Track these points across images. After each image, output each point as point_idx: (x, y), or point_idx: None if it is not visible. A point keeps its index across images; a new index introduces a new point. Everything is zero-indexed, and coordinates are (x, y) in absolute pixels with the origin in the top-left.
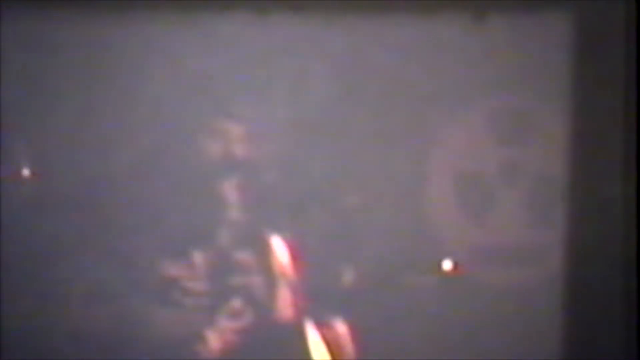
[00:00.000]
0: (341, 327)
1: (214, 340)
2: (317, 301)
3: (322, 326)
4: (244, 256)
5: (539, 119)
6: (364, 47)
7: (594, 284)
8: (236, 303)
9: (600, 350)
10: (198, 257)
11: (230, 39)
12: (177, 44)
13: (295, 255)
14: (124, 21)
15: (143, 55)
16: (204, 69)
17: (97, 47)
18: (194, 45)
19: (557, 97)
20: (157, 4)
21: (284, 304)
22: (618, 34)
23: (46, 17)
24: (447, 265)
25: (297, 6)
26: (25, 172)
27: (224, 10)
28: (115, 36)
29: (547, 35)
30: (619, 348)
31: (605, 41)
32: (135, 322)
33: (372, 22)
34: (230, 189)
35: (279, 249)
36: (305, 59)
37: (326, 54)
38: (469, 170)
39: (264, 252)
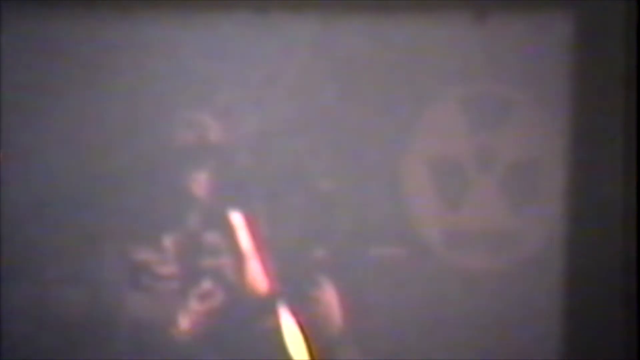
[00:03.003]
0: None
1: (185, 322)
2: (289, 282)
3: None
4: (213, 238)
5: (538, 118)
6: (353, 42)
7: (594, 284)
8: (206, 285)
9: (600, 350)
10: (168, 241)
11: (229, 38)
12: (176, 43)
13: (254, 230)
14: (123, 21)
15: (142, 55)
16: (202, 69)
17: (97, 47)
18: (193, 44)
19: (556, 96)
20: (157, 4)
21: (255, 283)
22: (618, 34)
23: (46, 17)
24: None
25: (296, 6)
26: None
27: (223, 9)
28: (115, 36)
29: (547, 35)
30: (619, 348)
31: (605, 41)
32: (107, 307)
33: (372, 21)
34: (202, 174)
35: (239, 225)
36: (286, 51)
37: (320, 50)
38: (446, 159)
39: (233, 233)
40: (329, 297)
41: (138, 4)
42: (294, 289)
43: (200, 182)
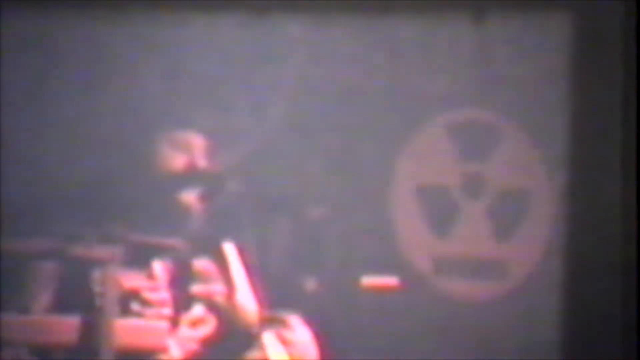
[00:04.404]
0: (303, 333)
1: (176, 349)
2: (280, 308)
3: (284, 332)
4: (204, 265)
5: (538, 119)
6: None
7: (594, 286)
8: (198, 312)
9: (600, 351)
10: (158, 268)
11: (227, 39)
12: (175, 45)
13: (247, 260)
14: (122, 22)
15: (141, 55)
16: (201, 71)
17: (96, 47)
18: (193, 46)
19: (556, 97)
20: (156, 5)
21: (246, 311)
22: (618, 34)
23: (46, 17)
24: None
25: (293, 6)
26: None
27: (221, 11)
28: (114, 36)
29: (546, 36)
30: (618, 349)
31: (605, 41)
32: (97, 333)
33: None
34: (193, 199)
35: (232, 255)
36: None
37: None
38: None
39: (225, 260)
40: (319, 324)
41: (138, 4)
42: (285, 316)
43: (190, 209)
